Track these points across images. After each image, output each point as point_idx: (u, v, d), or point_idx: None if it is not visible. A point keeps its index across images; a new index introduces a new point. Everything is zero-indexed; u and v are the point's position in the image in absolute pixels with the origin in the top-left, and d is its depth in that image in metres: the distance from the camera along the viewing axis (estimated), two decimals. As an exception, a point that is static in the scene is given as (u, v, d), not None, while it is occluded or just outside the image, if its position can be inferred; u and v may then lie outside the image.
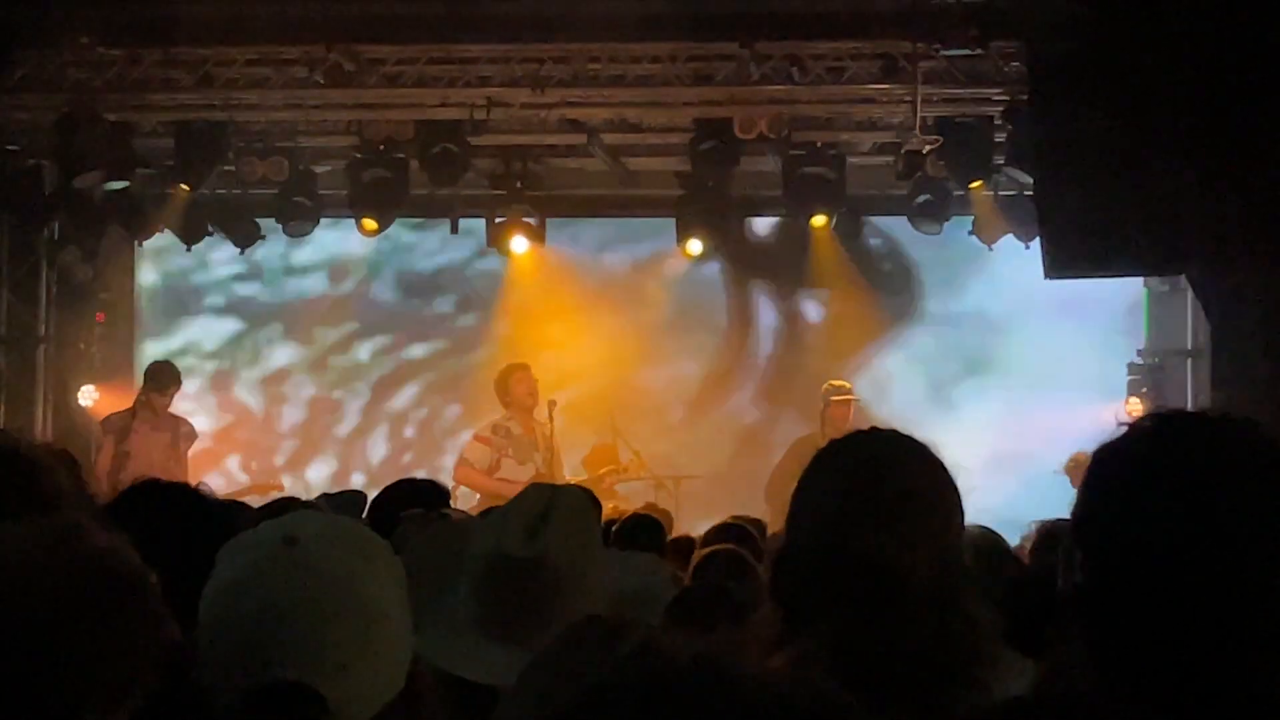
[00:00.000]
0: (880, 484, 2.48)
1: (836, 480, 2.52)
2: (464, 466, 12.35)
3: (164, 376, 12.69)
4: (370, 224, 13.59)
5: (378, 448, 15.15)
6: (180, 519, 3.11)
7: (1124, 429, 2.01)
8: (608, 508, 9.96)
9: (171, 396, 12.63)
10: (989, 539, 5.55)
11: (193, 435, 12.76)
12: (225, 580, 2.11)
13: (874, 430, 2.65)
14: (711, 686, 1.23)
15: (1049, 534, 5.57)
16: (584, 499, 3.37)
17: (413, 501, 4.98)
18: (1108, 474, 1.96)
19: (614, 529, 7.17)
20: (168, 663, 2.06)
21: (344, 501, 6.08)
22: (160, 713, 2.05)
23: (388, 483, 5.87)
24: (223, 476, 14.16)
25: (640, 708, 1.22)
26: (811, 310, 15.09)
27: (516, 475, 11.72)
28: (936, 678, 2.31)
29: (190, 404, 14.83)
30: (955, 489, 2.54)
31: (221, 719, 2.07)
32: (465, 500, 11.49)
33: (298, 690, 2.06)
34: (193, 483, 3.57)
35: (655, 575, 3.75)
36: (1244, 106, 9.78)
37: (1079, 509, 1.98)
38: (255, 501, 12.44)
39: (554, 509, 3.03)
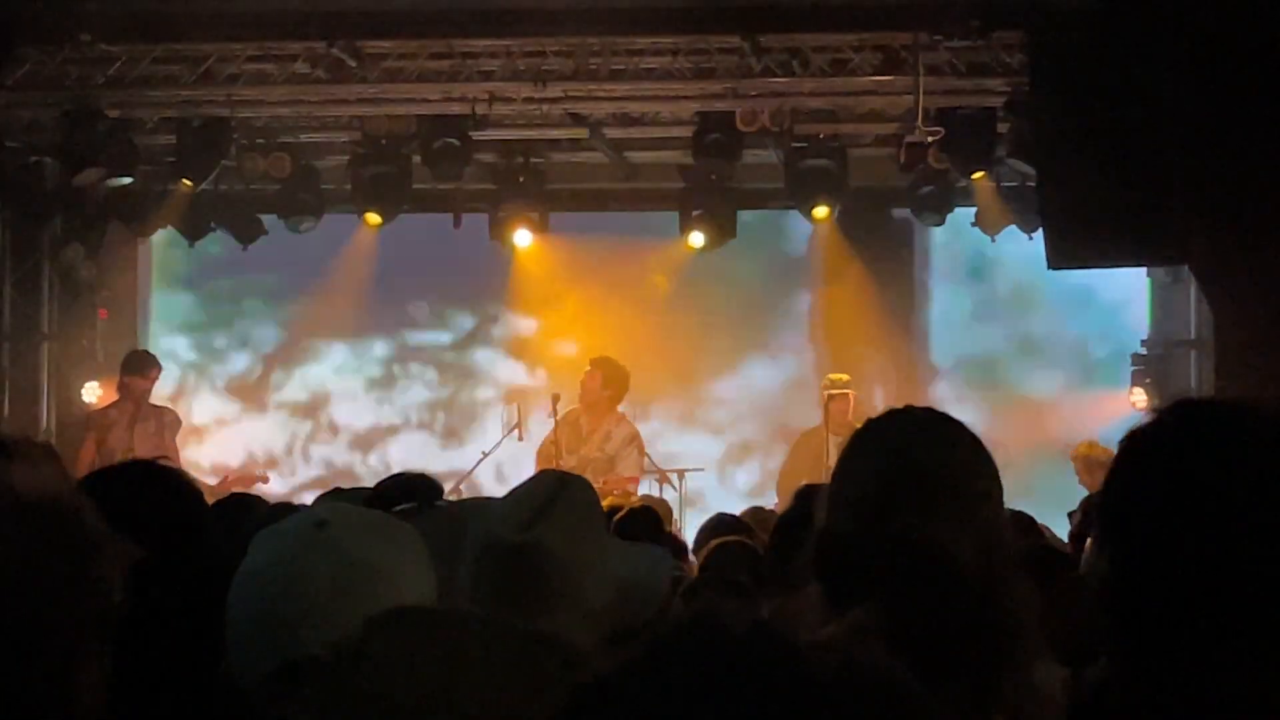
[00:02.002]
0: (917, 463, 2.47)
1: (875, 459, 2.52)
2: (538, 459, 12.54)
3: (142, 362, 12.71)
4: (374, 219, 13.60)
5: (383, 442, 15.14)
6: (160, 497, 3.08)
7: (1150, 418, 2.00)
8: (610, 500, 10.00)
9: (153, 381, 12.62)
10: (1019, 520, 5.67)
11: (178, 423, 12.78)
12: (256, 562, 2.13)
13: (910, 409, 2.63)
14: (769, 656, 1.21)
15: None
16: (591, 491, 3.38)
17: (408, 496, 4.89)
18: (1136, 464, 1.96)
19: (613, 521, 7.17)
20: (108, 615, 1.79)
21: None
22: (190, 689, 2.05)
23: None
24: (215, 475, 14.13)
25: (695, 675, 1.20)
26: (816, 301, 15.08)
27: (564, 464, 11.84)
28: (980, 658, 2.31)
29: (191, 398, 14.88)
30: (993, 466, 2.53)
31: (249, 696, 2.08)
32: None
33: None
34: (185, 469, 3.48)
35: (660, 566, 3.72)
36: (1246, 96, 9.78)
37: (1106, 499, 1.97)
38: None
39: (558, 498, 3.04)
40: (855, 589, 2.35)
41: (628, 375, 12.69)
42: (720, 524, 7.33)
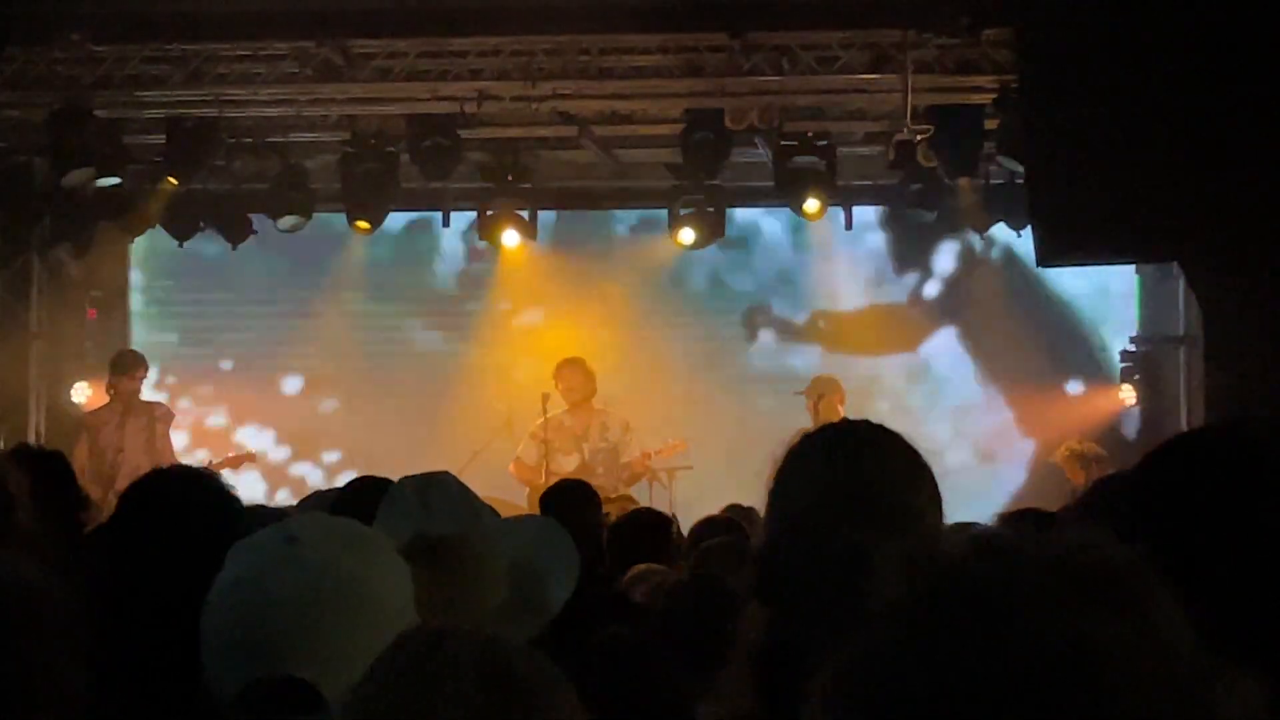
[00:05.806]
0: (854, 477, 2.43)
1: (809, 475, 2.47)
2: (515, 462, 12.69)
3: (128, 362, 12.78)
4: (363, 225, 13.58)
5: (369, 440, 15.11)
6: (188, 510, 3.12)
7: (1158, 454, 1.98)
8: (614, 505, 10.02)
9: (140, 381, 12.71)
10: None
11: (169, 416, 12.87)
12: (229, 578, 2.14)
13: (848, 422, 2.61)
14: (1074, 596, 1.13)
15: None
16: (455, 481, 3.36)
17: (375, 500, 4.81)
18: (1180, 474, 1.93)
19: (614, 527, 7.17)
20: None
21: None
22: (166, 707, 2.05)
23: (385, 474, 5.79)
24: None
25: (991, 612, 1.12)
26: (805, 302, 15.10)
27: (562, 467, 11.91)
28: None
29: (179, 398, 14.87)
30: (932, 480, 2.50)
31: (223, 714, 2.09)
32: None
33: (296, 686, 2.07)
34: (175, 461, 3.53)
35: (552, 543, 3.62)
36: (1237, 92, 9.78)
37: (1144, 498, 1.93)
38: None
39: (430, 491, 3.05)
40: (796, 605, 2.31)
41: (593, 371, 12.94)
42: (710, 525, 7.36)
